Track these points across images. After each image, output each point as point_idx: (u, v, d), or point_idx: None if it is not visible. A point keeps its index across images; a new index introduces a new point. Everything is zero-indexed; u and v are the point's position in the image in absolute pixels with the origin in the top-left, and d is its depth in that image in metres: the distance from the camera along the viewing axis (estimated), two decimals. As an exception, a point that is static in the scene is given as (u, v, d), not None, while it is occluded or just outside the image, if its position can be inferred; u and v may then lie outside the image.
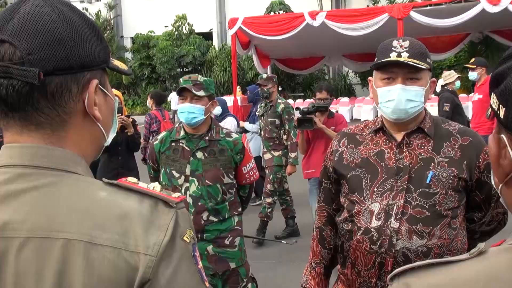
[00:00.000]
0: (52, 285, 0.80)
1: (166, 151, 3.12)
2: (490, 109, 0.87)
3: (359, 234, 1.85)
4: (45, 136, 0.90)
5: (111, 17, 28.90)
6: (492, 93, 0.83)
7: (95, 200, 0.86)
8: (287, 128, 5.86)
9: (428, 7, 17.93)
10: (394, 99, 1.83)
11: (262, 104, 6.28)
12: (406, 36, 1.91)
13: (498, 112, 0.81)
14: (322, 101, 5.09)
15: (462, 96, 20.02)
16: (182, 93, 3.06)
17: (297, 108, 5.21)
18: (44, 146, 0.89)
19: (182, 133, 3.13)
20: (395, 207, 1.80)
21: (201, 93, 3.05)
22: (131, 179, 0.91)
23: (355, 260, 1.88)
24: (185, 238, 0.87)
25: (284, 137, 5.91)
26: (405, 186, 1.81)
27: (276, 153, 5.97)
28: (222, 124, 4.95)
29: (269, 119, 6.04)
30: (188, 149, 3.08)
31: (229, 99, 12.54)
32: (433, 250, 1.77)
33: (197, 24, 27.16)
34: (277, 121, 5.93)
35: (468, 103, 19.41)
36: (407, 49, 1.81)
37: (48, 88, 0.87)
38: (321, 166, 4.98)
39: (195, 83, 3.06)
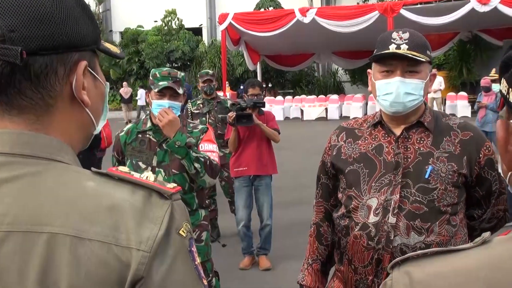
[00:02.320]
0: (35, 283, 0.74)
1: (132, 143, 3.10)
2: (498, 99, 0.86)
3: (356, 229, 1.81)
4: (29, 122, 0.83)
5: (100, 11, 28.69)
6: (502, 78, 0.83)
7: (83, 190, 0.79)
8: None
9: (418, 5, 18.01)
10: (393, 92, 1.79)
11: (199, 102, 6.13)
12: (406, 28, 1.87)
13: (507, 96, 0.81)
14: (255, 97, 5.05)
15: (450, 94, 20.19)
16: (163, 90, 3.01)
17: (233, 104, 5.11)
18: (27, 133, 0.82)
19: (149, 124, 3.11)
20: (392, 202, 1.76)
21: (181, 90, 3.04)
22: (123, 169, 0.84)
23: (352, 257, 1.84)
24: (181, 232, 0.80)
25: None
26: (403, 181, 1.78)
27: (227, 150, 5.75)
28: None
29: (219, 116, 5.94)
30: (155, 140, 3.07)
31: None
32: (432, 247, 1.73)
33: (187, 19, 27.04)
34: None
35: (457, 102, 19.63)
36: (407, 41, 1.77)
37: (31, 69, 0.80)
38: (253, 164, 5.12)
39: (175, 80, 3.01)
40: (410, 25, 16.23)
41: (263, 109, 5.15)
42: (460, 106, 19.32)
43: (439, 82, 18.09)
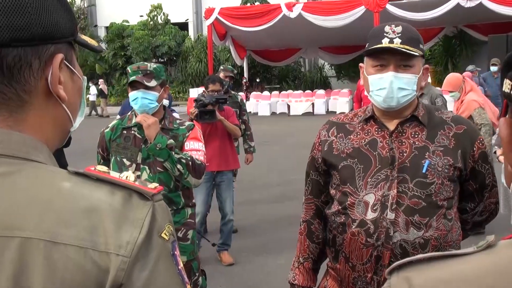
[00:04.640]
0: None
1: (117, 139, 3.03)
2: (502, 105, 0.83)
3: (353, 226, 1.77)
4: (1, 119, 0.78)
5: (85, 6, 28.42)
6: (505, 79, 0.80)
7: (59, 192, 0.75)
8: (245, 118, 5.99)
9: (404, 1, 18.10)
10: (386, 87, 1.75)
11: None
12: (399, 21, 1.84)
13: (511, 94, 0.78)
14: (215, 93, 5.09)
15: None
16: (134, 84, 2.93)
17: (196, 100, 5.07)
18: None
19: (134, 120, 3.03)
20: (390, 197, 1.73)
21: (152, 83, 2.92)
22: (101, 168, 0.79)
23: (350, 254, 1.80)
24: (163, 235, 0.76)
25: (243, 126, 5.90)
26: (400, 176, 1.75)
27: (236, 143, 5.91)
28: None
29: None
30: (140, 137, 2.99)
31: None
32: (430, 242, 1.72)
33: (173, 14, 26.89)
34: (238, 111, 5.90)
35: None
36: (400, 34, 1.74)
37: (4, 62, 0.75)
38: (216, 160, 5.14)
39: (145, 73, 2.93)
40: (395, 20, 16.32)
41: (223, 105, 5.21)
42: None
43: (425, 77, 18.22)
